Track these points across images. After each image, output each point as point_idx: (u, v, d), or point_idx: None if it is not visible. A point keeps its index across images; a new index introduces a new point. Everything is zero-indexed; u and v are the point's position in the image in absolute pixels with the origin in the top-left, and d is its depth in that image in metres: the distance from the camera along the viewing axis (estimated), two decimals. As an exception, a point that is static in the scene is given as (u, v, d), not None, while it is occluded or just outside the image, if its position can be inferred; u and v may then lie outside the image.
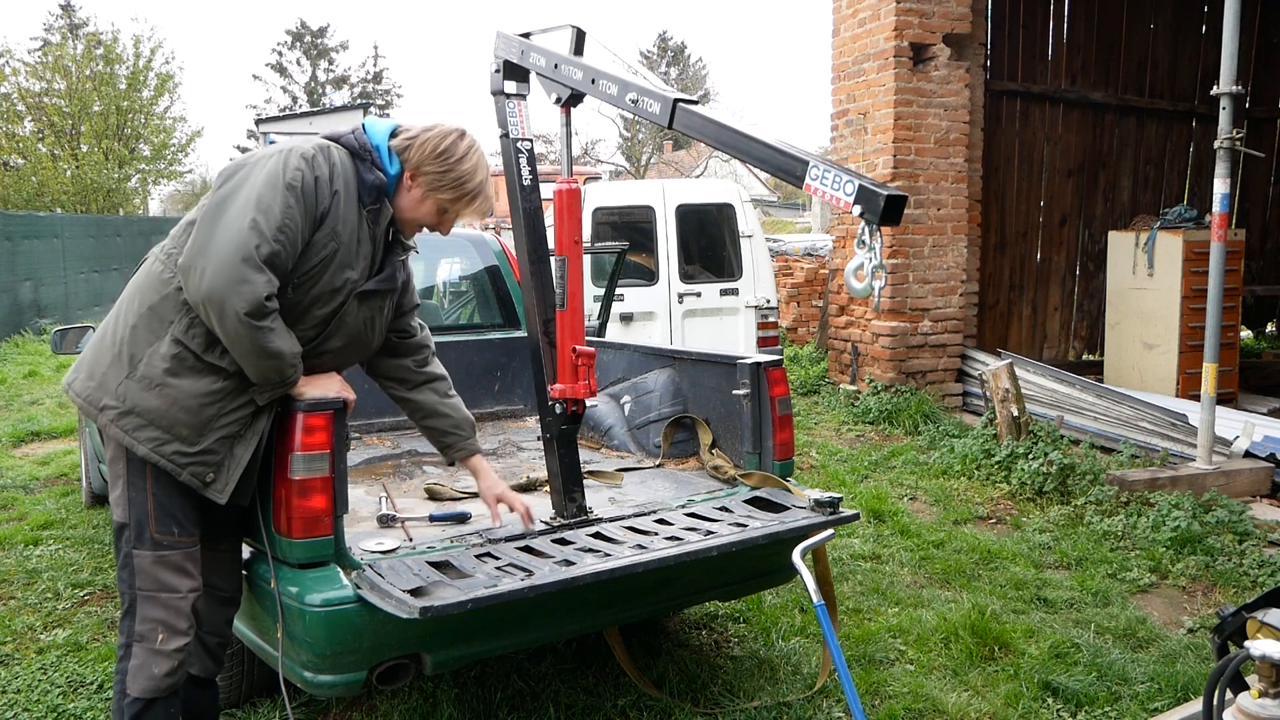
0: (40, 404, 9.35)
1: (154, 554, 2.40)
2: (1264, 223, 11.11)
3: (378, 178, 2.54)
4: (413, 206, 2.60)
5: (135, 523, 2.40)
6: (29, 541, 5.10)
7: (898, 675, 3.58)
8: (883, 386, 8.06)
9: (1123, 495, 5.54)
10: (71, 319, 15.78)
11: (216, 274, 2.27)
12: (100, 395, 2.40)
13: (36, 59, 26.48)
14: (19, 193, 23.66)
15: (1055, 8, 9.48)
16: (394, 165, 2.56)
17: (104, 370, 2.41)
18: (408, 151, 2.55)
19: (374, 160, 2.54)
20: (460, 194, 2.58)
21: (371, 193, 2.53)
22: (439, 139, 2.54)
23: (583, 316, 3.15)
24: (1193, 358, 7.61)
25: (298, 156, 2.42)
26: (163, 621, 2.39)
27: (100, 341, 2.48)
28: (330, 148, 2.50)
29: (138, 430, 2.36)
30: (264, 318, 2.31)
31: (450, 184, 2.56)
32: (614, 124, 46.71)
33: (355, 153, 2.53)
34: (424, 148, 2.54)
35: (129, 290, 2.50)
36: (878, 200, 2.23)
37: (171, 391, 2.36)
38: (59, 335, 4.76)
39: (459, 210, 2.63)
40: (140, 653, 2.39)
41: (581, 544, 2.88)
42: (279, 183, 2.35)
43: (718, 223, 7.87)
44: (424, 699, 3.37)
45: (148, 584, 2.40)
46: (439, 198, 2.58)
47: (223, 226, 2.32)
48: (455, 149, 2.54)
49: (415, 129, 2.58)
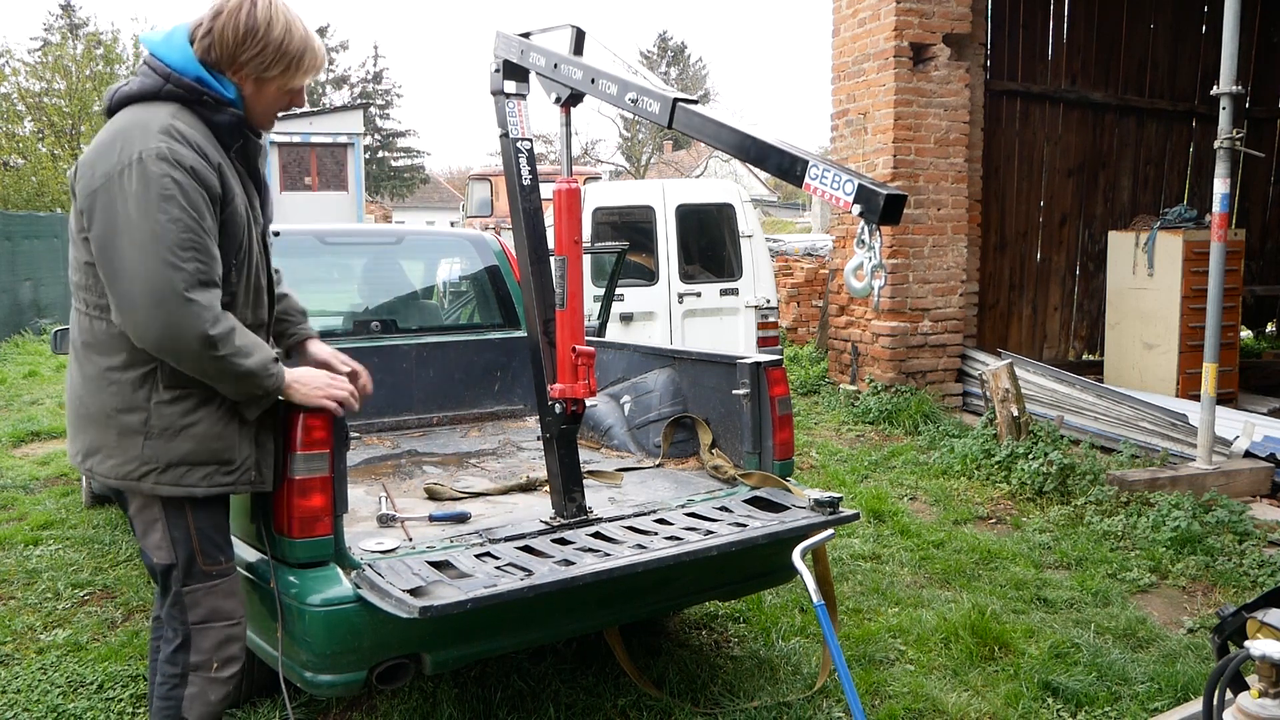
0: (40, 404, 9.34)
1: (206, 586, 2.39)
2: (1264, 223, 11.11)
3: (230, 115, 2.30)
4: (258, 104, 2.36)
5: (184, 562, 2.36)
6: (29, 541, 5.10)
7: (898, 675, 3.58)
8: (883, 386, 8.06)
9: (1123, 495, 5.54)
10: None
11: (151, 324, 2.15)
12: (128, 467, 2.30)
13: (36, 59, 26.47)
14: (19, 193, 23.65)
15: (1055, 8, 9.47)
16: (228, 88, 2.30)
17: (116, 443, 2.29)
18: (211, 52, 2.26)
19: (213, 96, 2.27)
20: (288, 64, 2.32)
21: (232, 133, 2.32)
22: (232, 19, 2.25)
23: (583, 316, 3.15)
24: (1193, 358, 7.60)
25: (155, 161, 2.15)
26: (218, 650, 2.40)
27: (89, 419, 2.32)
28: (171, 124, 2.20)
29: (185, 476, 2.31)
30: (218, 345, 2.19)
31: (275, 60, 2.29)
32: (614, 124, 46.76)
33: (188, 100, 2.26)
34: (225, 41, 2.26)
35: (84, 353, 2.33)
36: (877, 200, 2.23)
37: (196, 429, 2.31)
38: (59, 335, 4.76)
39: (300, 79, 2.38)
40: (198, 681, 2.39)
41: (581, 544, 2.88)
42: (151, 202, 2.13)
43: (718, 223, 7.87)
44: (424, 699, 3.37)
45: (201, 616, 2.39)
46: (273, 79, 2.33)
47: (124, 273, 2.15)
48: (256, 21, 2.26)
49: (203, 23, 2.28)
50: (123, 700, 3.39)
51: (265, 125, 2.45)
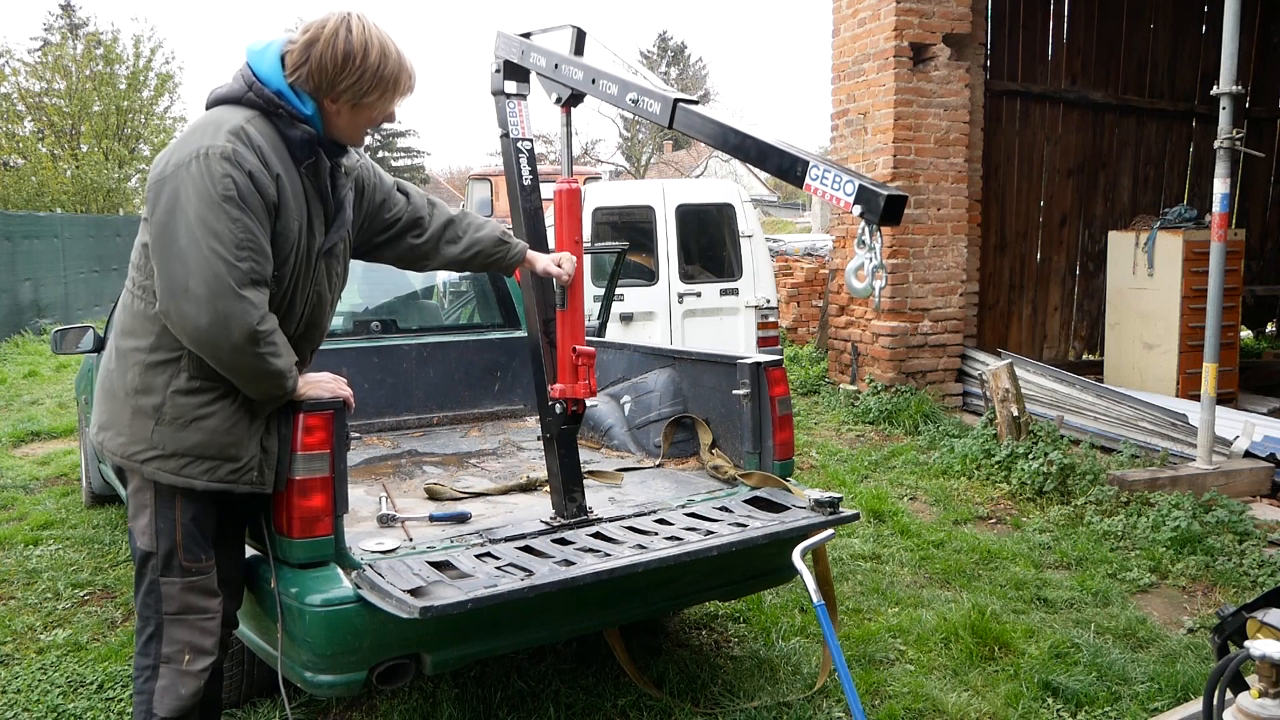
0: (40, 404, 9.35)
1: (183, 580, 2.40)
2: (1264, 223, 11.11)
3: (304, 131, 2.34)
4: (347, 126, 2.42)
5: (164, 553, 2.38)
6: (29, 541, 5.11)
7: (898, 675, 3.58)
8: (883, 386, 8.06)
9: (1123, 495, 5.54)
10: (71, 319, 15.78)
11: (200, 315, 2.19)
12: (135, 448, 2.34)
13: (36, 59, 26.50)
14: (19, 193, 23.68)
15: (1055, 8, 9.48)
16: (306, 104, 2.34)
17: (128, 423, 2.35)
18: (307, 80, 2.30)
19: (289, 111, 2.31)
20: (385, 88, 2.36)
21: (304, 149, 2.36)
22: (329, 48, 2.27)
23: (583, 316, 3.15)
24: (1193, 358, 7.61)
25: (219, 160, 2.19)
26: (190, 643, 2.40)
27: (111, 394, 2.39)
28: (243, 127, 2.26)
29: (188, 468, 2.33)
30: (261, 342, 2.25)
31: (372, 87, 2.33)
32: (614, 124, 46.74)
33: (267, 111, 2.31)
34: (323, 68, 2.29)
35: (119, 330, 2.42)
36: (878, 200, 2.23)
37: (208, 422, 2.33)
38: (59, 335, 4.76)
39: (392, 102, 2.42)
40: (168, 674, 2.39)
41: (581, 544, 2.88)
42: (214, 198, 2.18)
43: (718, 223, 7.87)
44: (424, 699, 3.37)
45: (175, 608, 2.40)
46: (368, 104, 2.37)
47: (179, 260, 2.20)
48: (352, 48, 2.28)
49: (297, 47, 2.30)
50: (122, 700, 3.39)
51: (355, 142, 2.51)
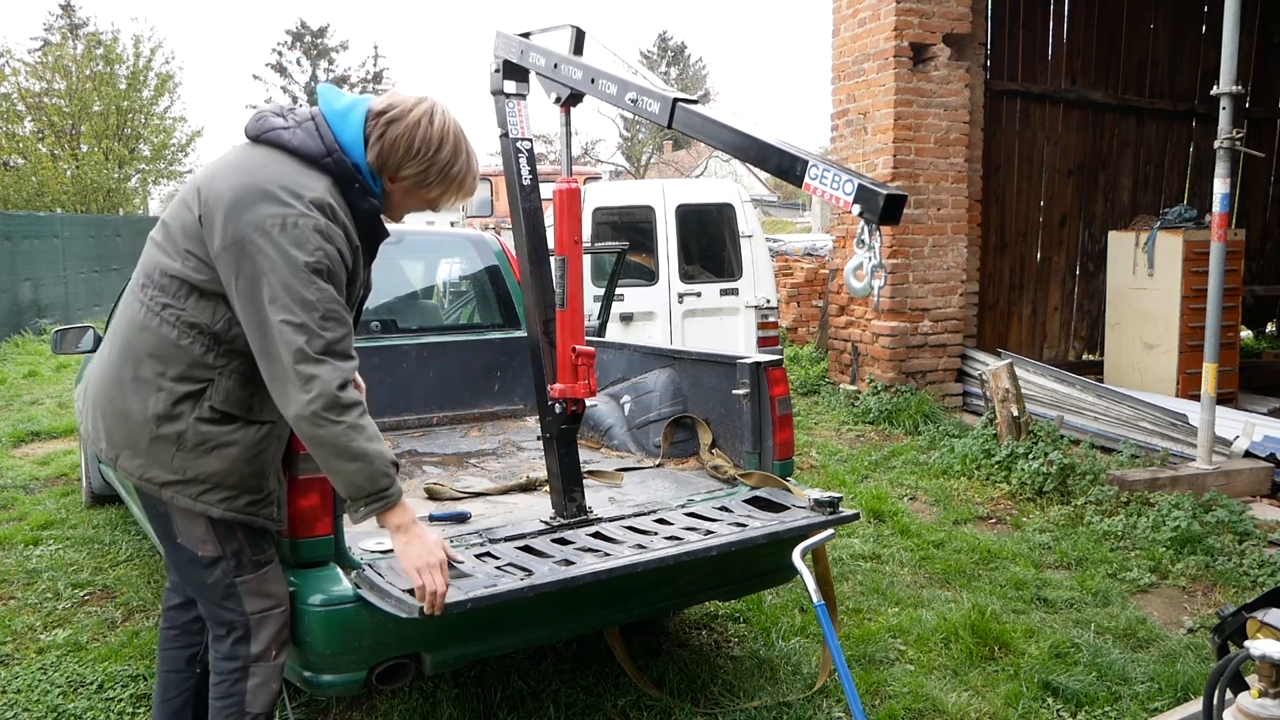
0: (40, 404, 9.35)
1: (256, 574, 2.40)
2: (1264, 223, 11.11)
3: (372, 205, 2.35)
4: (397, 205, 2.44)
5: (232, 553, 2.36)
6: (29, 541, 5.10)
7: (898, 675, 3.58)
8: (883, 386, 8.06)
9: (1123, 495, 5.54)
10: (71, 319, 15.79)
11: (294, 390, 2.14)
12: (153, 472, 2.29)
13: (36, 59, 26.48)
14: (19, 193, 23.67)
15: (1055, 8, 9.48)
16: (376, 184, 2.36)
17: (146, 447, 2.28)
18: (376, 157, 2.32)
19: (363, 186, 2.32)
20: (448, 185, 2.39)
21: (367, 219, 2.36)
22: (408, 135, 2.29)
23: (583, 316, 3.15)
24: (1193, 358, 7.60)
25: (311, 231, 2.17)
26: (276, 636, 2.42)
27: (126, 416, 2.29)
28: (328, 201, 2.23)
29: (205, 495, 2.30)
30: (342, 411, 2.16)
31: (436, 180, 2.36)
32: (614, 124, 46.76)
33: (341, 180, 2.30)
34: (395, 149, 2.30)
35: (141, 352, 2.28)
36: (877, 200, 2.23)
37: (230, 451, 2.30)
38: (59, 335, 4.76)
39: (450, 200, 2.45)
40: (262, 671, 2.40)
41: (581, 544, 2.88)
42: (300, 266, 2.14)
43: (718, 223, 7.87)
44: (424, 699, 3.37)
45: (258, 605, 2.40)
46: (426, 194, 2.40)
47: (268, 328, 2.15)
48: (429, 139, 2.31)
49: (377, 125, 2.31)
50: (123, 700, 3.39)
51: (395, 219, 2.50)
